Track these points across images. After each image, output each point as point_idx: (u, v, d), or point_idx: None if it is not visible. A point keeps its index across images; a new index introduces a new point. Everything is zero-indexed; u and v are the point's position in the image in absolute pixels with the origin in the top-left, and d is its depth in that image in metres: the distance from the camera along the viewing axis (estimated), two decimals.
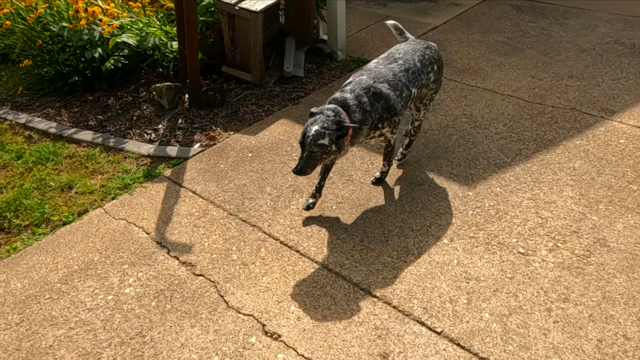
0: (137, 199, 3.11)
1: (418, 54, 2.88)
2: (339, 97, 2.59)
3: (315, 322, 2.28)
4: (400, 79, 2.73)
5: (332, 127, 2.41)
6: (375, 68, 2.76)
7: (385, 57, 2.89)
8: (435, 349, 2.14)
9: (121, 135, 3.82)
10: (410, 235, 2.74)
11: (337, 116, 2.46)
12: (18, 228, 2.91)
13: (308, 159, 2.42)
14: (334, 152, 2.48)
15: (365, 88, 2.61)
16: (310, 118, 2.50)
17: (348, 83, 2.70)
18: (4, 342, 2.24)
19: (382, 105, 2.63)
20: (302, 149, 2.45)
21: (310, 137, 2.40)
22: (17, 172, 3.38)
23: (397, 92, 2.69)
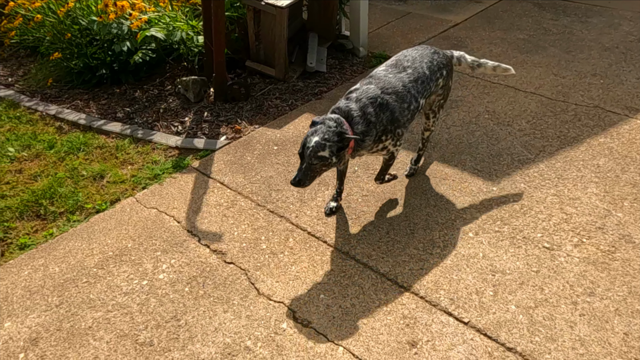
0: (167, 188, 3.19)
1: (426, 60, 2.75)
2: (343, 106, 2.48)
3: (344, 310, 2.34)
4: (410, 90, 2.61)
5: (333, 139, 2.31)
6: (385, 77, 2.62)
7: (393, 64, 2.74)
8: (462, 338, 2.19)
9: (148, 127, 3.91)
10: (435, 228, 2.78)
11: (338, 127, 2.35)
12: (53, 215, 3.01)
13: (307, 171, 2.33)
14: (334, 164, 2.40)
15: (372, 98, 2.50)
16: (311, 128, 2.40)
17: (354, 90, 2.58)
18: (45, 323, 2.33)
19: (387, 116, 2.52)
20: (301, 160, 2.36)
21: (310, 149, 2.30)
22: (50, 161, 3.48)
23: (404, 104, 2.59)
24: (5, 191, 3.18)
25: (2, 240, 2.84)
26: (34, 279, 2.57)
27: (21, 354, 2.20)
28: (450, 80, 2.97)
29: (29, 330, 2.30)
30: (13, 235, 2.88)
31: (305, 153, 2.33)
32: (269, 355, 2.15)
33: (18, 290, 2.51)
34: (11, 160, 3.50)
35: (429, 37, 5.24)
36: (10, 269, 2.64)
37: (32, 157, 3.56)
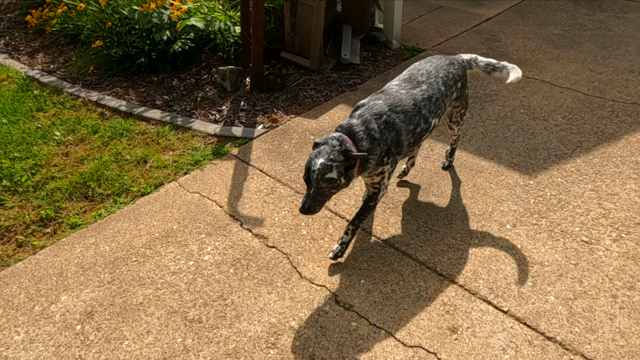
0: (208, 174, 3.29)
1: (442, 74, 2.59)
2: (345, 123, 2.33)
3: (385, 296, 2.40)
4: (421, 109, 2.46)
5: (339, 159, 2.16)
6: (396, 93, 2.46)
7: (407, 78, 2.57)
8: (502, 326, 2.23)
9: (187, 115, 4.01)
10: (473, 219, 2.82)
11: (342, 145, 2.19)
12: (101, 197, 3.13)
13: (316, 196, 2.18)
14: (343, 185, 2.25)
15: (377, 114, 2.34)
16: (314, 149, 2.25)
17: (360, 106, 2.43)
18: (99, 298, 2.45)
19: (392, 137, 2.36)
20: (308, 185, 2.22)
21: (316, 172, 2.15)
22: (95, 145, 3.61)
23: (411, 125, 2.43)
24: (54, 173, 3.32)
25: (53, 220, 2.97)
26: (86, 256, 2.69)
27: (78, 326, 2.32)
28: (466, 88, 2.82)
29: (84, 304, 2.42)
30: (64, 215, 3.01)
31: (311, 177, 2.17)
32: (313, 335, 2.23)
33: (72, 266, 2.63)
34: (57, 144, 3.64)
35: (461, 30, 5.23)
36: (63, 246, 2.77)
37: (77, 141, 3.69)
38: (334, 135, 2.27)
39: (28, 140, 3.65)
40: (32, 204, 3.08)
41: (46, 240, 2.84)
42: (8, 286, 2.53)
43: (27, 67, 4.88)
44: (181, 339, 2.24)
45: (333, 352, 2.15)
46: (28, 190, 3.19)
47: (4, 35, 5.68)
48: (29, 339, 2.26)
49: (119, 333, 2.28)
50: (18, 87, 4.41)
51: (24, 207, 3.07)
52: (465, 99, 2.86)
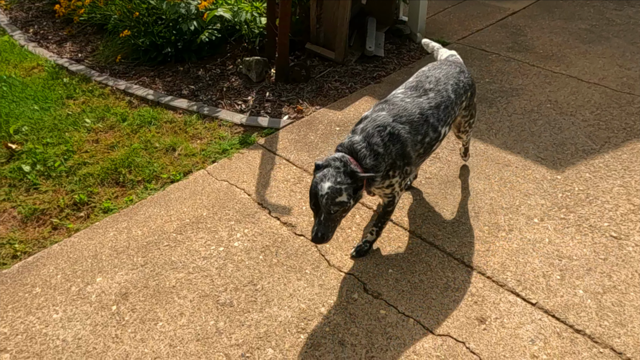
0: (236, 163, 3.34)
1: (452, 82, 2.47)
2: (346, 142, 2.22)
3: (413, 285, 2.43)
4: (428, 118, 2.32)
5: (347, 181, 2.06)
6: (401, 102, 2.33)
7: (414, 86, 2.45)
8: (530, 318, 2.25)
9: (213, 104, 4.06)
10: (500, 212, 2.83)
11: (346, 166, 2.09)
12: (132, 183, 3.20)
13: (327, 222, 2.07)
14: (351, 207, 2.15)
15: (380, 126, 2.22)
16: (316, 172, 2.13)
17: (363, 119, 2.31)
18: (133, 280, 2.52)
19: (397, 149, 2.23)
20: (316, 211, 2.11)
21: (325, 196, 2.03)
22: (124, 132, 3.68)
23: (418, 136, 2.30)
24: (86, 159, 3.39)
25: (86, 204, 3.05)
26: (119, 240, 2.76)
27: (114, 306, 2.39)
28: (474, 99, 2.72)
29: (119, 286, 2.49)
30: (96, 199, 3.08)
31: (320, 202, 2.05)
32: (342, 322, 2.27)
33: (106, 249, 2.70)
34: (88, 131, 3.72)
35: (486, 24, 5.20)
36: (97, 230, 2.84)
37: (107, 128, 3.76)
38: (336, 156, 2.14)
39: (59, 127, 3.73)
40: (66, 188, 3.16)
41: (80, 223, 2.92)
42: (45, 267, 2.61)
43: (56, 56, 4.97)
44: (213, 322, 2.29)
45: (362, 339, 2.19)
46: (61, 175, 3.27)
47: (33, 24, 5.78)
48: (67, 318, 2.34)
49: (153, 314, 2.34)
50: (48, 75, 4.50)
51: (58, 191, 3.15)
52: (474, 108, 2.76)
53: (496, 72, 4.30)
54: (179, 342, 2.21)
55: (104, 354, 2.17)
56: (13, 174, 3.27)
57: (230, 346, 2.19)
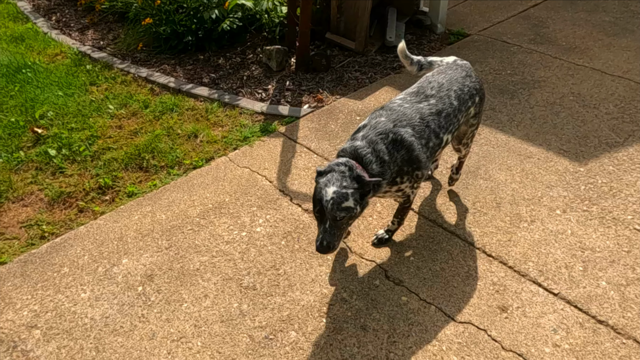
0: (257, 150, 3.37)
1: (456, 87, 2.33)
2: (349, 147, 2.11)
3: (434, 273, 2.44)
4: (429, 124, 2.21)
5: (353, 185, 1.96)
6: (399, 107, 2.23)
7: (414, 92, 2.33)
8: (552, 307, 2.25)
9: (233, 93, 4.08)
10: (522, 203, 2.82)
11: (352, 171, 1.99)
12: (155, 168, 3.25)
13: (333, 229, 1.95)
14: (358, 214, 2.03)
15: (382, 133, 2.12)
16: (319, 179, 2.02)
17: (361, 127, 2.20)
18: (158, 262, 2.57)
19: (403, 155, 2.13)
20: (320, 219, 1.99)
21: (330, 201, 1.92)
22: (147, 119, 3.72)
23: (422, 140, 2.18)
24: (110, 144, 3.45)
25: (111, 188, 3.10)
26: (143, 223, 2.81)
27: (139, 287, 2.44)
28: (483, 106, 2.55)
29: (144, 268, 2.54)
30: (120, 184, 3.13)
31: (325, 208, 1.93)
32: (364, 307, 2.30)
33: (131, 232, 2.76)
34: (111, 117, 3.77)
35: (507, 16, 5.14)
36: (122, 213, 2.90)
37: (130, 114, 3.81)
38: (340, 160, 2.04)
39: (83, 113, 3.79)
40: (91, 172, 3.22)
41: (105, 206, 2.97)
42: (72, 248, 2.67)
43: (79, 43, 5.03)
44: (237, 304, 2.33)
45: (384, 324, 2.22)
46: (86, 159, 3.33)
47: (55, 12, 5.86)
48: (95, 297, 2.39)
49: (178, 296, 2.39)
50: (71, 62, 4.56)
51: (83, 175, 3.21)
52: (480, 117, 2.59)
53: (518, 64, 4.26)
54: (204, 323, 2.26)
55: (131, 333, 2.22)
56: (39, 157, 3.34)
57: (254, 328, 2.23)
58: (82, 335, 2.22)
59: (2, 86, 4.12)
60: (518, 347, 2.10)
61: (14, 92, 4.03)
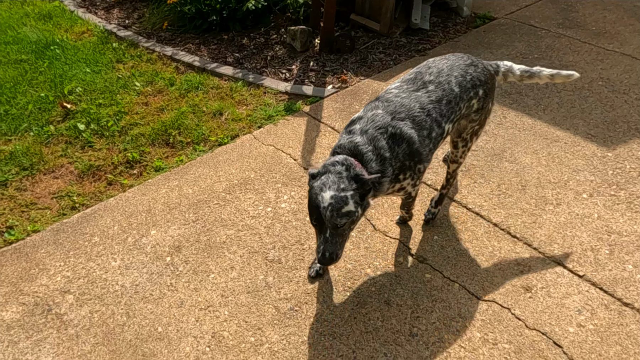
0: (281, 129, 3.39)
1: (457, 73, 2.14)
2: (346, 142, 1.95)
3: (458, 252, 2.45)
4: (430, 112, 2.04)
5: (352, 186, 1.79)
6: (396, 98, 2.06)
7: (412, 78, 2.15)
8: (577, 289, 2.25)
9: (258, 72, 4.10)
10: (547, 186, 2.80)
11: (350, 170, 1.82)
12: (181, 144, 3.29)
13: (334, 238, 1.79)
14: (360, 217, 1.88)
15: (381, 128, 1.96)
16: (313, 182, 1.84)
17: (357, 119, 2.03)
18: (185, 234, 2.62)
19: (404, 150, 1.98)
20: (319, 227, 1.83)
21: (328, 208, 1.75)
22: (173, 96, 3.77)
23: (423, 131, 2.03)
24: (137, 120, 3.50)
25: (139, 162, 3.16)
26: (171, 197, 2.87)
27: (168, 258, 2.50)
28: (491, 102, 2.32)
29: (172, 239, 2.59)
30: (148, 158, 3.19)
31: (323, 216, 1.77)
32: (388, 283, 2.32)
33: (158, 205, 2.81)
34: (138, 94, 3.82)
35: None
36: (149, 186, 2.96)
37: (156, 92, 3.86)
38: (336, 159, 1.86)
39: (111, 89, 3.85)
40: (119, 147, 3.28)
41: (133, 180, 3.03)
42: (103, 218, 2.74)
43: (105, 22, 5.08)
44: (263, 276, 2.38)
45: (408, 299, 2.24)
46: (114, 134, 3.39)
47: None
48: (125, 266, 2.46)
49: (205, 267, 2.44)
50: (98, 39, 4.61)
51: (111, 149, 3.27)
52: (486, 114, 2.33)
53: (545, 48, 4.19)
54: (230, 293, 2.31)
55: (160, 300, 2.29)
56: (69, 132, 3.41)
57: (279, 299, 2.27)
58: (113, 301, 2.29)
59: (32, 62, 4.20)
60: (542, 325, 2.11)
61: (43, 68, 4.10)
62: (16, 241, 2.62)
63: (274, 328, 2.16)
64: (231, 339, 2.12)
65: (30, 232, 2.68)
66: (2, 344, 2.12)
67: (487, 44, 4.28)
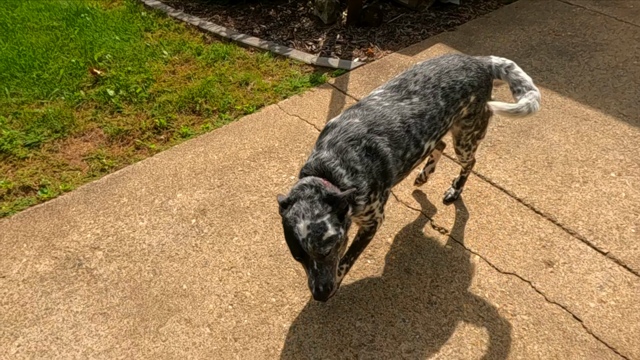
0: (306, 100, 3.40)
1: (444, 84, 1.93)
2: (312, 161, 1.78)
3: (480, 225, 2.45)
4: (410, 128, 1.85)
5: (327, 209, 1.63)
6: (377, 106, 1.87)
7: (396, 85, 1.96)
8: (600, 266, 2.23)
9: (284, 44, 4.09)
10: (574, 164, 2.76)
11: (320, 191, 1.65)
12: (207, 112, 3.34)
13: (323, 268, 1.65)
14: (344, 238, 1.73)
15: (354, 139, 1.77)
16: (285, 213, 1.69)
17: (330, 128, 1.85)
18: (210, 198, 2.68)
19: (378, 167, 1.79)
20: (304, 261, 1.69)
21: (308, 240, 1.60)
22: (200, 66, 3.80)
23: (399, 150, 1.84)
24: (165, 87, 3.55)
25: (166, 128, 3.22)
26: (197, 162, 2.92)
27: (193, 220, 2.56)
28: (482, 106, 2.10)
29: (197, 202, 2.66)
30: (175, 125, 3.24)
31: (305, 249, 1.62)
32: (408, 252, 2.34)
33: (185, 169, 2.87)
34: (165, 62, 3.86)
35: None
36: (176, 152, 3.01)
37: (183, 61, 3.89)
38: (304, 182, 1.70)
39: (139, 57, 3.90)
40: (146, 113, 3.34)
41: (160, 145, 3.10)
42: (131, 180, 2.82)
43: None
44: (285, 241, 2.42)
45: (428, 269, 2.26)
46: (142, 101, 3.45)
47: None
48: (152, 226, 2.53)
49: (229, 230, 2.49)
50: (127, 8, 4.65)
51: (139, 115, 3.34)
52: (482, 118, 2.14)
53: (579, 25, 4.07)
54: (253, 256, 2.36)
55: (185, 260, 2.36)
56: (99, 97, 3.48)
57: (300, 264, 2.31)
58: (140, 259, 2.37)
59: (63, 29, 4.27)
60: (562, 300, 2.10)
61: (74, 35, 4.17)
62: (49, 199, 2.72)
63: (294, 290, 2.21)
64: (253, 299, 2.18)
65: (61, 191, 2.77)
66: (36, 294, 2.22)
67: (519, 20, 4.17)
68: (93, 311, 2.15)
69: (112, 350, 2.00)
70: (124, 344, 2.02)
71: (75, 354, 1.99)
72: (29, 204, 2.69)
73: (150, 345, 2.02)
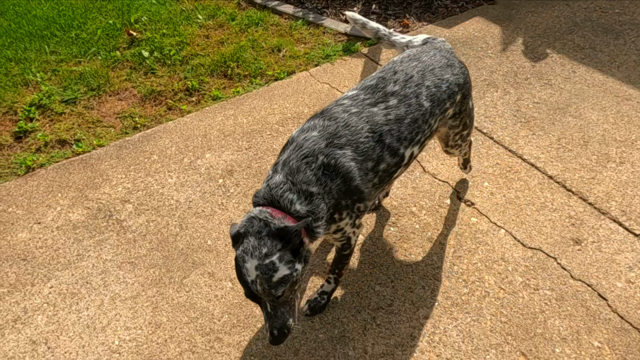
0: (338, 68, 3.37)
1: (429, 82, 1.72)
2: (262, 188, 1.58)
3: (508, 200, 2.41)
4: (383, 137, 1.62)
5: (277, 247, 1.44)
6: (343, 114, 1.63)
7: (372, 85, 1.71)
8: (631, 247, 2.17)
9: (318, 12, 4.05)
10: (612, 144, 2.66)
11: (269, 225, 1.45)
12: (239, 76, 3.35)
13: (278, 310, 1.48)
14: (303, 272, 1.53)
15: (309, 157, 1.55)
16: (236, 248, 1.49)
17: (289, 144, 1.63)
18: (237, 160, 2.71)
19: (339, 186, 1.57)
20: (257, 301, 1.50)
21: (257, 282, 1.42)
22: (233, 31, 3.80)
23: (368, 162, 1.60)
24: (198, 51, 3.58)
25: (197, 91, 3.25)
26: (226, 125, 2.95)
27: (220, 179, 2.60)
28: (467, 103, 1.92)
29: (225, 163, 2.69)
30: (206, 88, 3.28)
31: (255, 291, 1.45)
32: (432, 222, 2.33)
33: (214, 131, 2.91)
34: (199, 27, 3.88)
35: None
36: (206, 114, 3.05)
37: (217, 26, 3.90)
38: (252, 214, 1.50)
39: (174, 21, 3.93)
40: (179, 75, 3.38)
41: (191, 107, 3.14)
42: (161, 139, 2.87)
43: None
44: None
45: (451, 239, 2.24)
46: (175, 63, 3.49)
47: None
48: (180, 183, 2.59)
49: (255, 191, 2.52)
50: None
51: (172, 77, 3.38)
52: (467, 116, 1.96)
53: (629, 3, 3.87)
54: None
55: (211, 217, 2.41)
56: (134, 58, 3.54)
57: None
58: (168, 213, 2.43)
59: None
60: (588, 278, 2.06)
61: None
62: (83, 153, 2.81)
63: (315, 252, 2.23)
64: None
65: (95, 146, 2.85)
66: (68, 240, 2.32)
67: None
68: (121, 260, 2.23)
69: (138, 297, 2.08)
70: (150, 292, 2.10)
71: (103, 298, 2.08)
72: (64, 157, 2.78)
73: (175, 295, 2.08)
